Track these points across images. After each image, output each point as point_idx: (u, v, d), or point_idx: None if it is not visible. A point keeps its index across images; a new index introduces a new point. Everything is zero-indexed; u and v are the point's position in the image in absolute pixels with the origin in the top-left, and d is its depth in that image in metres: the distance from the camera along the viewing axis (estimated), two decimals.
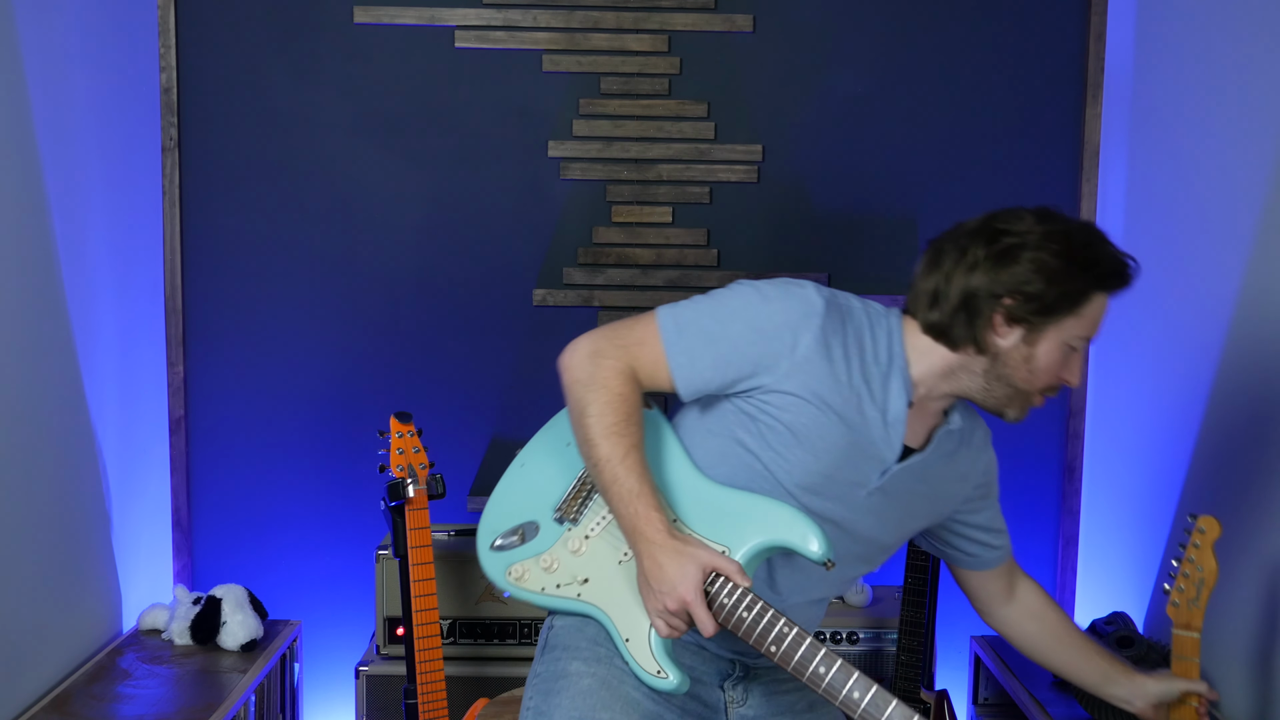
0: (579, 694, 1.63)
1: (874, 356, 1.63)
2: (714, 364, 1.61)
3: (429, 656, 2.40)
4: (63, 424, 2.49)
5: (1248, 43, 2.35)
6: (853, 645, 2.76)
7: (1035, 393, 1.64)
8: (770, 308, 1.60)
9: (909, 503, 1.70)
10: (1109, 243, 1.64)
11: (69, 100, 2.52)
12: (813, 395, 1.59)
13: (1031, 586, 1.92)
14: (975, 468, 1.79)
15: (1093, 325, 1.62)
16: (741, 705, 1.74)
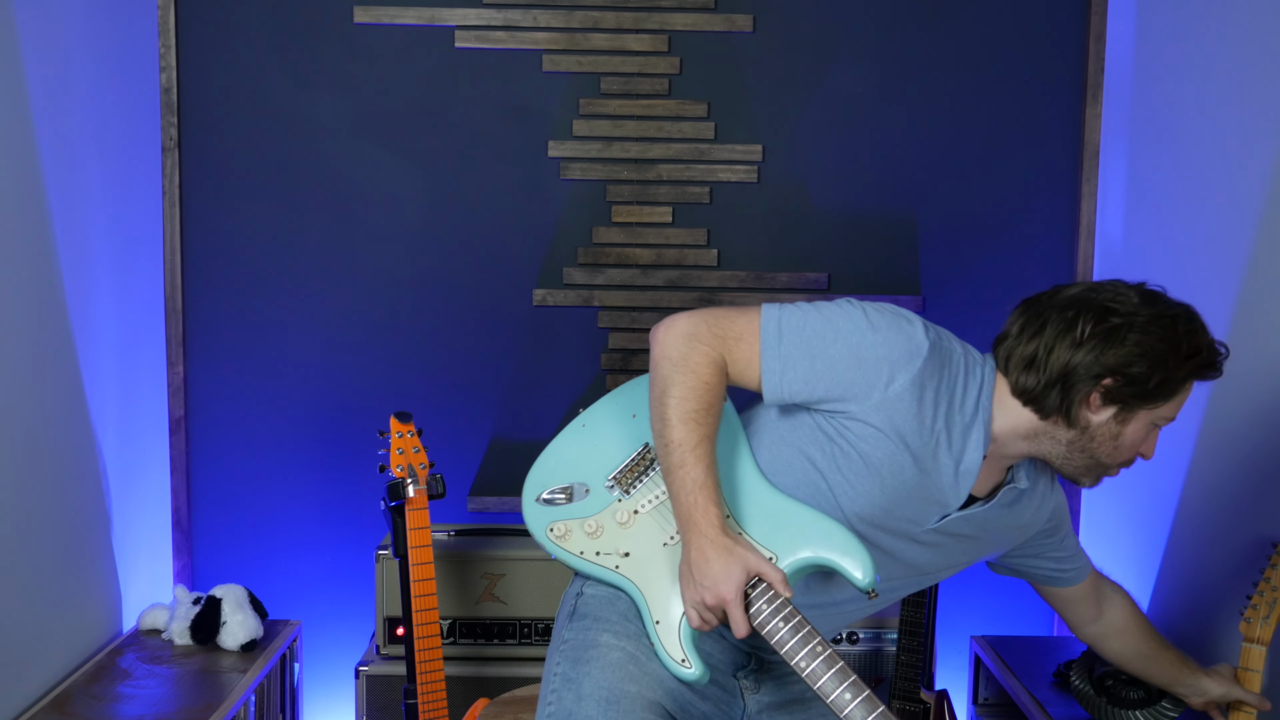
0: (609, 665, 1.64)
1: (961, 405, 1.62)
2: (806, 379, 1.61)
3: (429, 656, 2.40)
4: (63, 424, 2.49)
5: (1248, 43, 2.35)
6: (853, 645, 2.76)
7: (1115, 466, 1.67)
8: (876, 337, 1.59)
9: (960, 544, 1.73)
10: (1207, 330, 1.64)
11: (69, 100, 2.52)
12: (894, 432, 1.59)
13: (1119, 603, 1.99)
14: (1039, 516, 1.80)
15: (1179, 408, 1.65)
16: (756, 692, 1.77)
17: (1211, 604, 2.41)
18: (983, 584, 3.09)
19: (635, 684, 1.63)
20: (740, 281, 3.01)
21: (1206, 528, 2.47)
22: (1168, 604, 2.64)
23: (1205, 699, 2.01)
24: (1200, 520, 2.50)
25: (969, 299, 3.02)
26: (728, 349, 1.63)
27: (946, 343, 1.64)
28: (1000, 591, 3.10)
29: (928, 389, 1.59)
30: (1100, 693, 2.28)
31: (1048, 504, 1.80)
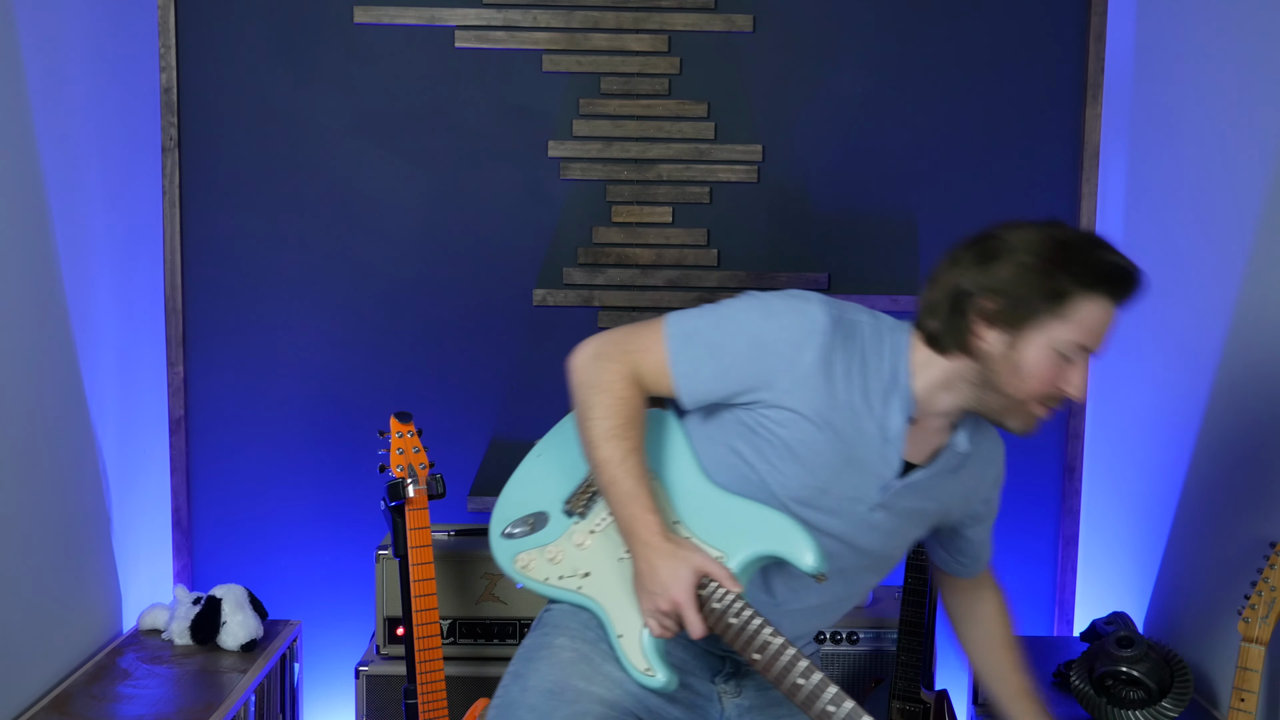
0: (559, 663, 1.67)
1: (877, 373, 1.62)
2: (715, 375, 1.63)
3: (429, 656, 2.40)
4: (63, 424, 2.49)
5: (1248, 43, 2.35)
6: (853, 645, 2.75)
7: (1030, 401, 1.60)
8: (773, 323, 1.61)
9: (913, 518, 1.72)
10: (1108, 249, 1.59)
11: (69, 100, 2.52)
12: (812, 411, 1.60)
13: (993, 599, 2.03)
14: (982, 482, 1.81)
15: (1085, 332, 1.56)
16: (736, 697, 1.76)
17: (1210, 604, 2.41)
18: None
19: (585, 681, 1.64)
20: (740, 281, 3.01)
21: (1206, 528, 2.47)
22: (1167, 604, 2.64)
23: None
24: (1200, 520, 2.50)
25: None
26: (636, 362, 1.65)
27: (850, 315, 1.64)
28: None
29: (835, 364, 1.60)
30: (1100, 693, 2.28)
31: (990, 471, 1.81)
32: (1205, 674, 2.42)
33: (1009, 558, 3.09)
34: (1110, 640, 2.31)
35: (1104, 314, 1.57)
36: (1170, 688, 2.23)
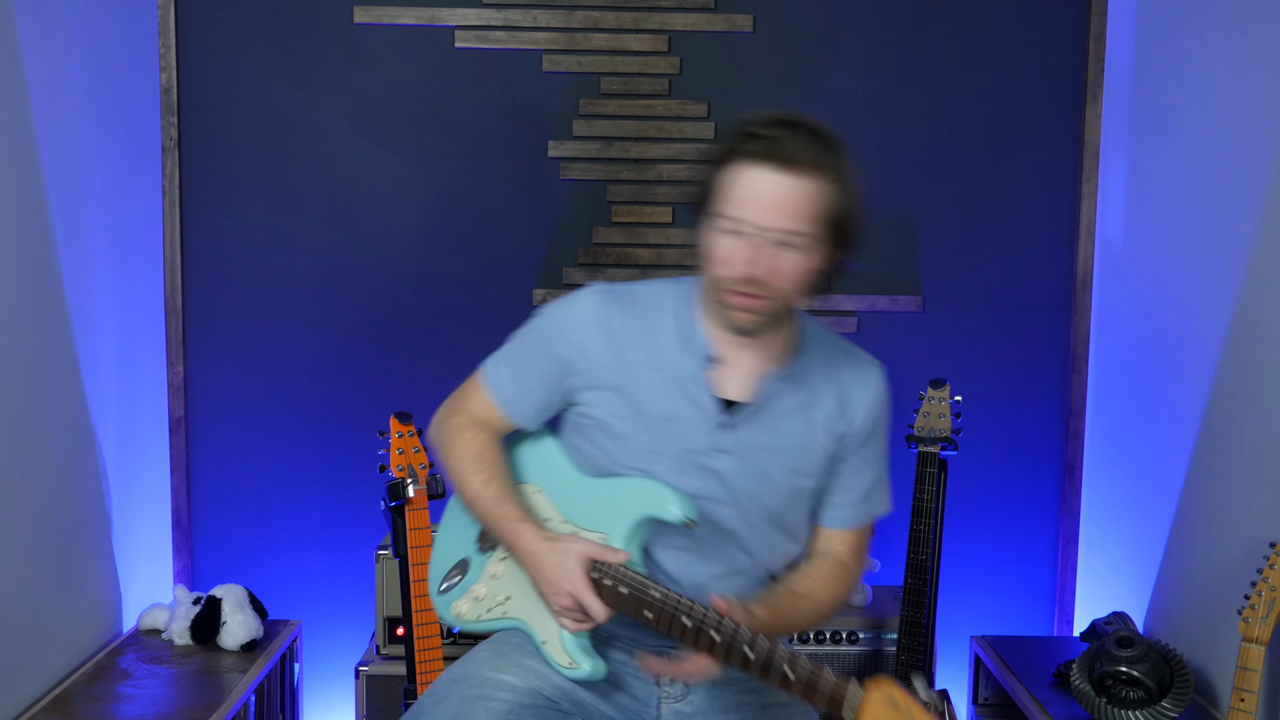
0: (470, 660, 1.76)
1: (663, 328, 1.69)
2: (522, 384, 1.75)
3: (429, 656, 2.40)
4: (63, 424, 2.49)
5: (1248, 43, 2.35)
6: (853, 645, 2.76)
7: (720, 289, 1.61)
8: (551, 319, 1.73)
9: (768, 456, 1.70)
10: (759, 114, 1.60)
11: (69, 100, 2.52)
12: (610, 381, 1.68)
13: (827, 564, 1.78)
14: (842, 414, 1.73)
15: (734, 203, 1.57)
16: (679, 701, 1.76)
17: (1210, 603, 2.41)
18: (983, 584, 3.09)
19: (494, 670, 1.71)
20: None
21: (1206, 528, 2.47)
22: (1167, 604, 2.64)
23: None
24: (1200, 520, 2.50)
25: (969, 299, 3.02)
26: (470, 409, 1.79)
27: (628, 287, 1.73)
28: (1000, 591, 3.10)
29: (617, 331, 1.68)
30: (1100, 693, 2.28)
31: (854, 396, 1.73)
32: (1205, 674, 2.42)
33: (1009, 558, 3.10)
34: (1110, 640, 2.31)
35: (748, 182, 1.56)
36: (1170, 688, 2.23)
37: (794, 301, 1.64)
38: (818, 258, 1.60)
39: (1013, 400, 3.05)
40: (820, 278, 1.64)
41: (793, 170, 1.54)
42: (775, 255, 1.57)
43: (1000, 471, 3.07)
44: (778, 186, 1.55)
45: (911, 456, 2.54)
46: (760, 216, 1.55)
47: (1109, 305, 2.96)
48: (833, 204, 1.57)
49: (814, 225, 1.57)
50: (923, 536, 2.49)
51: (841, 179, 1.58)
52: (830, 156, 1.57)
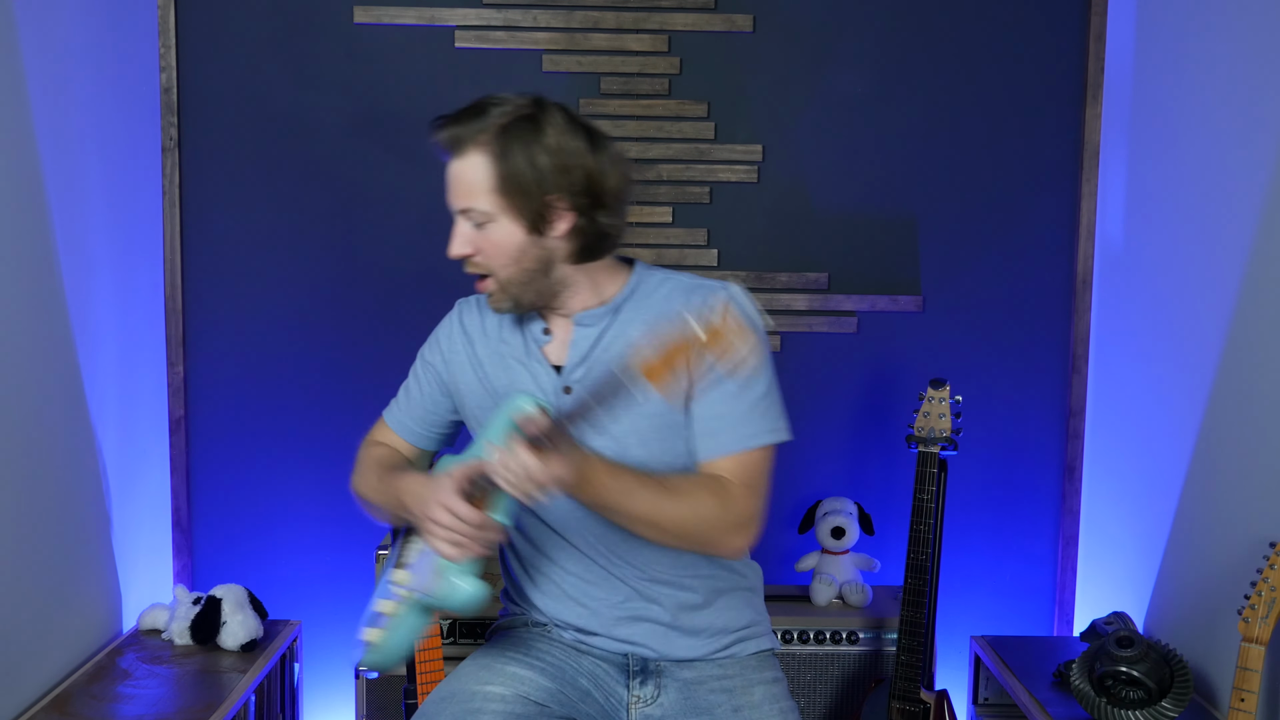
0: (456, 676, 1.78)
1: (504, 318, 1.80)
2: (411, 406, 1.91)
3: (429, 656, 2.40)
4: (63, 424, 2.49)
5: (1248, 43, 2.35)
6: (853, 645, 2.76)
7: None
8: (427, 344, 1.90)
9: (628, 409, 1.66)
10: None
11: (69, 100, 2.52)
12: (471, 379, 1.81)
13: (709, 476, 1.71)
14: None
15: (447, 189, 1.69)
16: (649, 705, 1.77)
17: (1210, 604, 2.41)
18: (983, 584, 3.09)
19: (479, 683, 1.72)
20: (740, 282, 3.01)
21: (1206, 528, 2.47)
22: (1167, 604, 2.64)
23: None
24: (1200, 520, 2.50)
25: (969, 299, 3.03)
26: (379, 442, 1.95)
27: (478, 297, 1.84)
28: (1000, 591, 3.10)
29: (471, 329, 1.84)
30: (1100, 693, 2.28)
31: (654, 323, 1.69)
32: (1205, 674, 2.42)
33: (1009, 558, 3.10)
34: (1110, 640, 2.31)
35: (450, 171, 1.68)
36: (1170, 688, 2.23)
37: (529, 274, 1.69)
38: (520, 227, 1.65)
39: (1013, 400, 3.05)
40: (579, 239, 1.67)
41: (455, 151, 1.66)
42: (475, 234, 1.68)
43: (1000, 471, 3.07)
44: (451, 169, 1.68)
45: (911, 456, 2.54)
46: (451, 200, 1.69)
47: (1109, 305, 2.96)
48: (496, 173, 1.63)
49: (486, 198, 1.64)
50: (923, 536, 2.49)
51: (497, 147, 1.63)
52: (480, 131, 1.64)
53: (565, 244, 1.68)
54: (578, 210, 1.65)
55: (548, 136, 1.63)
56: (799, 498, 3.02)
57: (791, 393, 3.02)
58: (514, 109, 1.66)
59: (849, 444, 3.06)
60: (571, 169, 1.63)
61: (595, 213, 1.66)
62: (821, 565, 2.88)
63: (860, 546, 2.91)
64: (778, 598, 2.88)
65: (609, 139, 1.70)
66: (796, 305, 3.01)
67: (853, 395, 3.05)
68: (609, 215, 1.67)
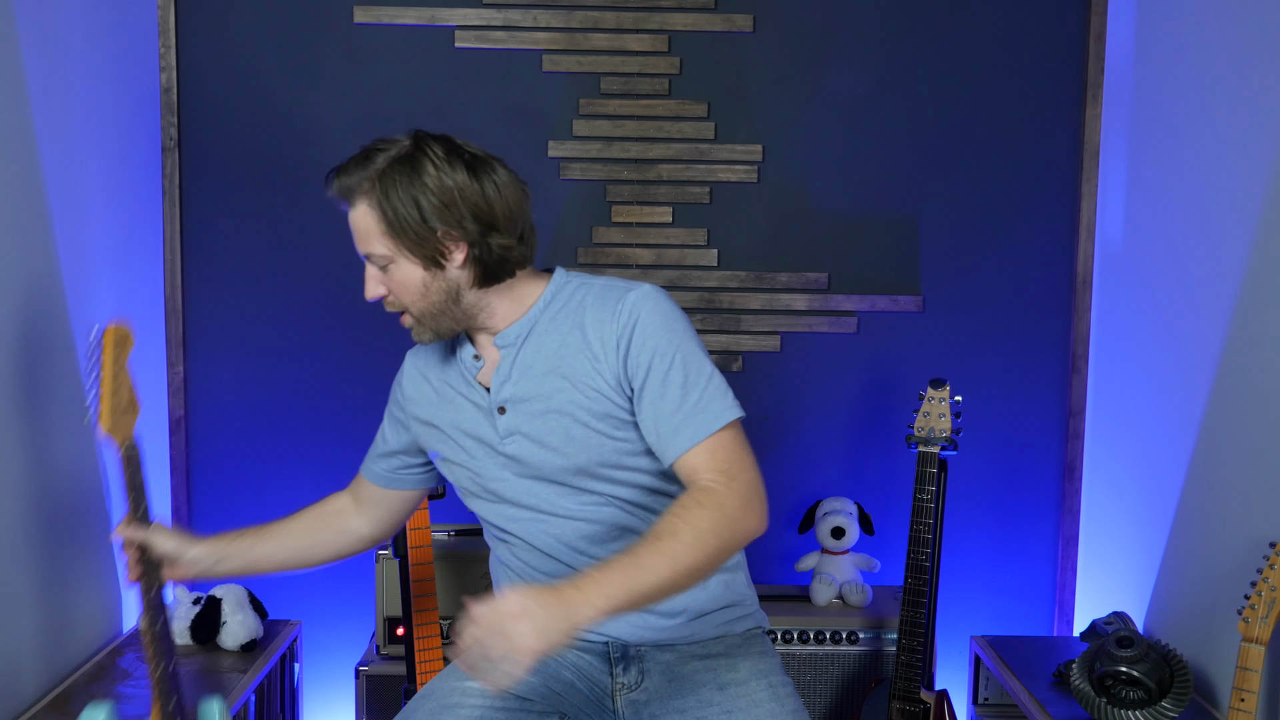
0: (440, 675, 1.83)
1: (444, 350, 1.87)
2: (377, 445, 1.97)
3: (429, 656, 2.40)
4: (63, 424, 2.49)
5: (1248, 43, 2.35)
6: (853, 645, 2.76)
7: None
8: (390, 401, 1.96)
9: (546, 422, 1.72)
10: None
11: (69, 100, 2.52)
12: (426, 417, 1.85)
13: (692, 490, 1.65)
14: (590, 355, 1.70)
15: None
16: (633, 690, 1.78)
17: (1210, 604, 2.41)
18: (983, 584, 3.09)
19: (461, 679, 1.76)
20: (740, 282, 3.01)
21: (1206, 528, 2.47)
22: (1167, 604, 2.64)
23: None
24: (1200, 520, 2.50)
25: (969, 299, 3.03)
26: (357, 485, 2.05)
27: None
28: (1000, 591, 3.10)
29: (421, 368, 1.90)
30: (1100, 693, 2.28)
31: (573, 340, 1.71)
32: (1205, 674, 2.42)
33: (1009, 558, 3.10)
34: (1110, 640, 2.31)
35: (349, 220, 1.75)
36: (1170, 688, 2.23)
37: (440, 305, 1.73)
38: (418, 264, 1.69)
39: (1013, 400, 3.05)
40: (479, 266, 1.70)
41: (347, 201, 1.74)
42: (383, 276, 1.74)
43: (1000, 471, 3.07)
44: (351, 219, 1.74)
45: (911, 456, 2.54)
46: (358, 247, 1.75)
47: (1109, 305, 2.96)
48: (383, 218, 1.68)
49: (381, 243, 1.70)
50: (922, 536, 2.49)
51: (379, 193, 1.68)
52: (363, 179, 1.70)
53: (466, 272, 1.71)
54: (470, 240, 1.68)
55: (427, 174, 1.66)
56: (799, 498, 3.02)
57: (792, 393, 3.04)
58: (394, 152, 1.69)
59: (849, 444, 3.06)
60: (455, 202, 1.66)
61: (489, 239, 1.69)
62: (821, 565, 2.88)
63: (860, 546, 2.91)
64: (778, 598, 2.88)
65: (493, 163, 1.72)
66: (796, 305, 3.01)
67: (853, 395, 3.05)
68: (504, 238, 1.70)
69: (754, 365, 3.03)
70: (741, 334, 3.02)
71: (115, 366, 1.90)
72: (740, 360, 3.03)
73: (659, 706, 1.77)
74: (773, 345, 3.02)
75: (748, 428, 1.72)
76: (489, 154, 1.73)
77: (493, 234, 1.69)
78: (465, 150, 1.70)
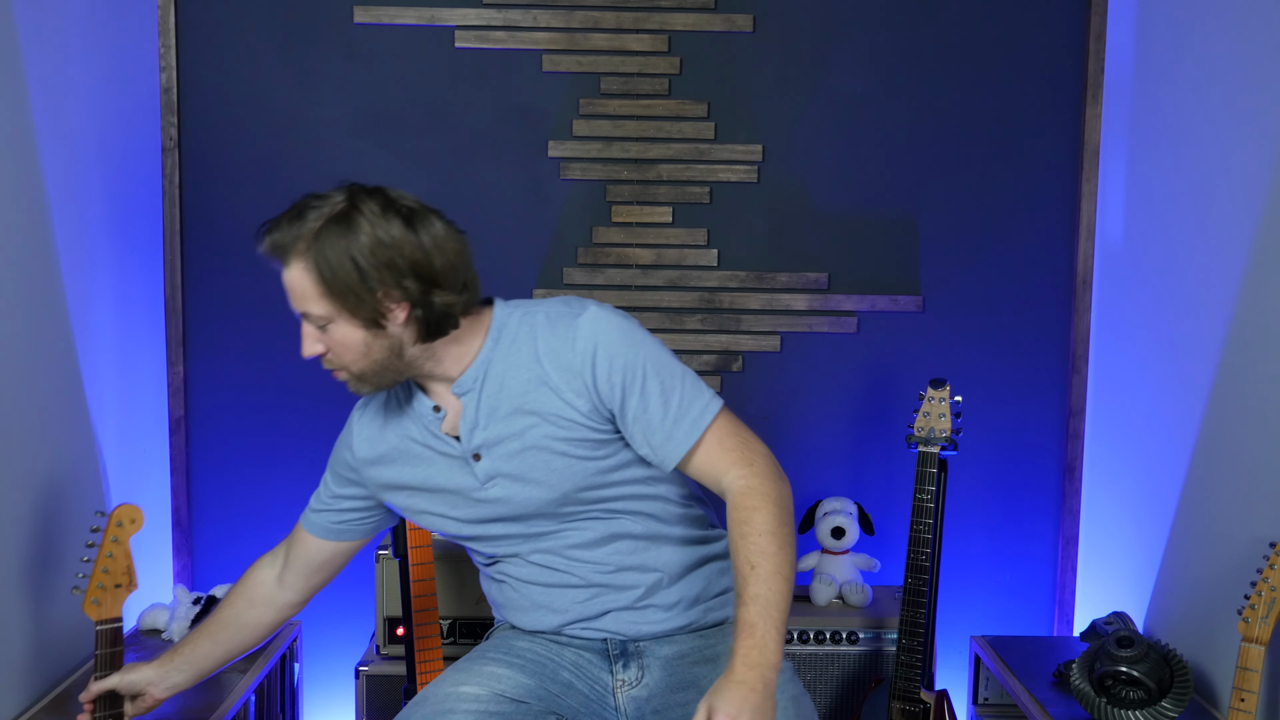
0: (436, 680, 1.80)
1: (395, 406, 1.83)
2: (320, 505, 1.93)
3: (429, 656, 2.40)
4: (63, 424, 2.49)
5: (1248, 43, 2.35)
6: (853, 645, 2.76)
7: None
8: (333, 457, 1.94)
9: (525, 459, 1.72)
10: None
11: (69, 100, 2.52)
12: (387, 478, 1.82)
13: (730, 503, 1.69)
14: (552, 385, 1.70)
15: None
16: (634, 687, 1.78)
17: (1210, 604, 2.41)
18: (983, 584, 3.09)
19: (453, 685, 1.75)
20: (740, 282, 3.01)
21: (1206, 528, 2.47)
22: (1167, 604, 2.64)
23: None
24: (1200, 520, 2.50)
25: (969, 299, 3.03)
26: (294, 541, 2.00)
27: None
28: (1000, 591, 3.10)
29: (374, 415, 1.86)
30: (1100, 693, 2.28)
31: (532, 375, 1.70)
32: (1205, 674, 2.42)
33: (1009, 558, 3.10)
34: (1110, 640, 2.31)
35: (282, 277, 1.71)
36: (1170, 688, 2.23)
37: (382, 363, 1.70)
38: (359, 325, 1.65)
39: (1013, 400, 3.05)
40: (421, 323, 1.67)
41: (280, 259, 1.72)
42: (321, 335, 1.69)
43: (1000, 471, 3.07)
44: (285, 278, 1.72)
45: (911, 456, 2.54)
46: (293, 305, 1.71)
47: (1109, 305, 2.96)
48: (320, 279, 1.66)
49: (318, 304, 1.66)
50: (922, 536, 2.49)
51: (315, 254, 1.66)
52: (296, 239, 1.68)
53: (409, 330, 1.68)
54: (411, 299, 1.65)
55: (363, 234, 1.62)
56: (799, 498, 3.02)
57: (792, 393, 3.04)
58: (328, 209, 1.67)
59: (849, 444, 3.06)
60: (393, 261, 1.62)
61: (430, 296, 1.65)
62: (821, 565, 2.88)
63: (860, 546, 2.91)
64: None
65: (430, 215, 1.69)
66: (796, 305, 3.01)
67: (853, 395, 3.05)
68: (446, 293, 1.66)
69: (754, 365, 3.03)
70: (741, 334, 3.02)
71: (112, 546, 1.98)
72: (740, 360, 3.03)
73: (661, 701, 1.77)
74: (773, 345, 3.02)
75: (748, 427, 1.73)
76: (425, 205, 1.70)
77: (434, 290, 1.65)
78: (401, 204, 1.67)
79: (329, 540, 1.93)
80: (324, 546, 1.94)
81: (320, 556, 1.95)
